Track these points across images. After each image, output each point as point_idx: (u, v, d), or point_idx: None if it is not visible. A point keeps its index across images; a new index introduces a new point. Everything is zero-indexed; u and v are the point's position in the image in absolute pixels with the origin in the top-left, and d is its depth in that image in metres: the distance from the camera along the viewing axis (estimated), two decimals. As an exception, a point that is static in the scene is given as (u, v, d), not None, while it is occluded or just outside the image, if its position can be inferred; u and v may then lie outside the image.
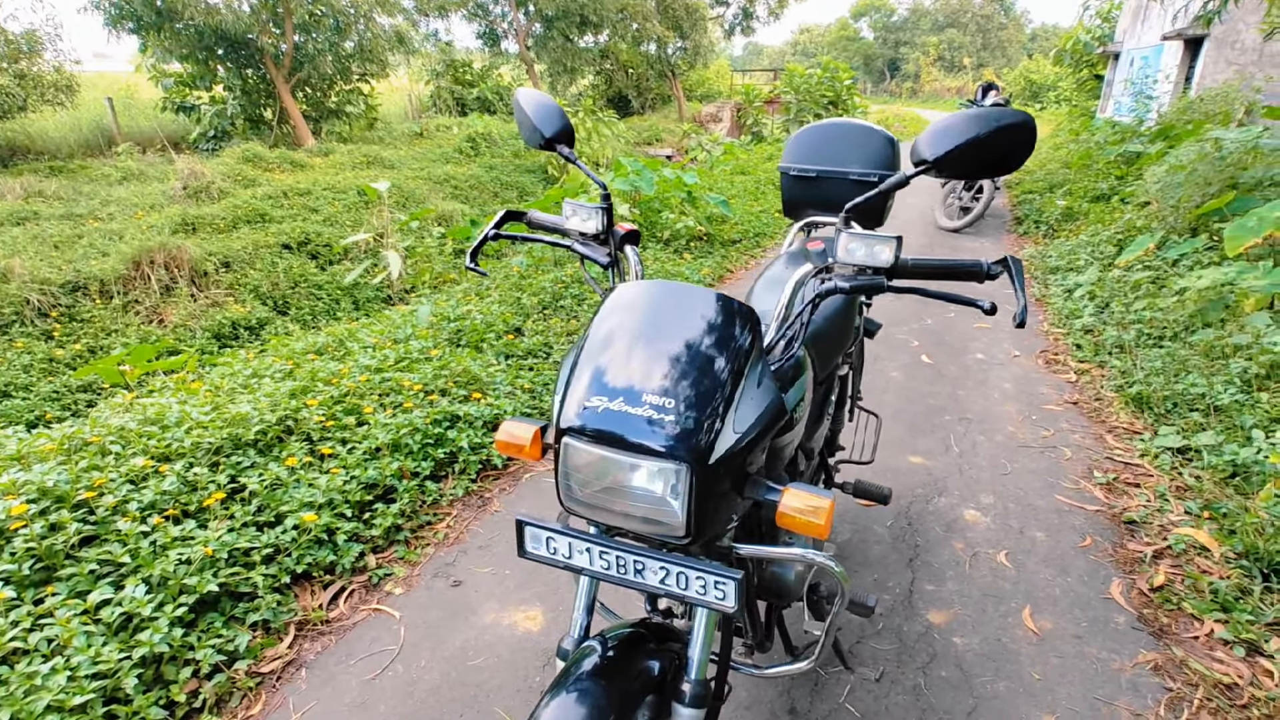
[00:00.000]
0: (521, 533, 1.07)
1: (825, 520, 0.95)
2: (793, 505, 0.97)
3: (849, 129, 2.26)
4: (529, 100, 1.36)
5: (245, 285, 7.44)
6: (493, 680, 1.91)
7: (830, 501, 0.96)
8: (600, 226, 1.33)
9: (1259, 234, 4.05)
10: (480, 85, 20.72)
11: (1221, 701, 1.83)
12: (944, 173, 1.04)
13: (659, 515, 0.96)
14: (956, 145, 1.00)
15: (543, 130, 1.33)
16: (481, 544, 2.49)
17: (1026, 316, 1.06)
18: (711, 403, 0.95)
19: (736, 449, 0.95)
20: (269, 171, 11.51)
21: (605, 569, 1.03)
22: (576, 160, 1.32)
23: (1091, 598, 2.22)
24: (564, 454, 0.99)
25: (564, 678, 1.01)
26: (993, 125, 0.98)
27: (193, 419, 2.63)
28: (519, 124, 1.38)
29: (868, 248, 1.10)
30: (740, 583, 0.94)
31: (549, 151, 1.35)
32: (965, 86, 45.50)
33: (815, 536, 0.96)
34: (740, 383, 0.98)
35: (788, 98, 15.93)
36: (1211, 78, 10.56)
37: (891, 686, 1.90)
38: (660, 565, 0.99)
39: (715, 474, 0.94)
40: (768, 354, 1.13)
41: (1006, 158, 1.01)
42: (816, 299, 1.14)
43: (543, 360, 3.85)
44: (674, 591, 0.99)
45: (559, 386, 1.05)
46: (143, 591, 1.87)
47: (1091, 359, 3.93)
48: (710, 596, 0.98)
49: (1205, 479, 2.69)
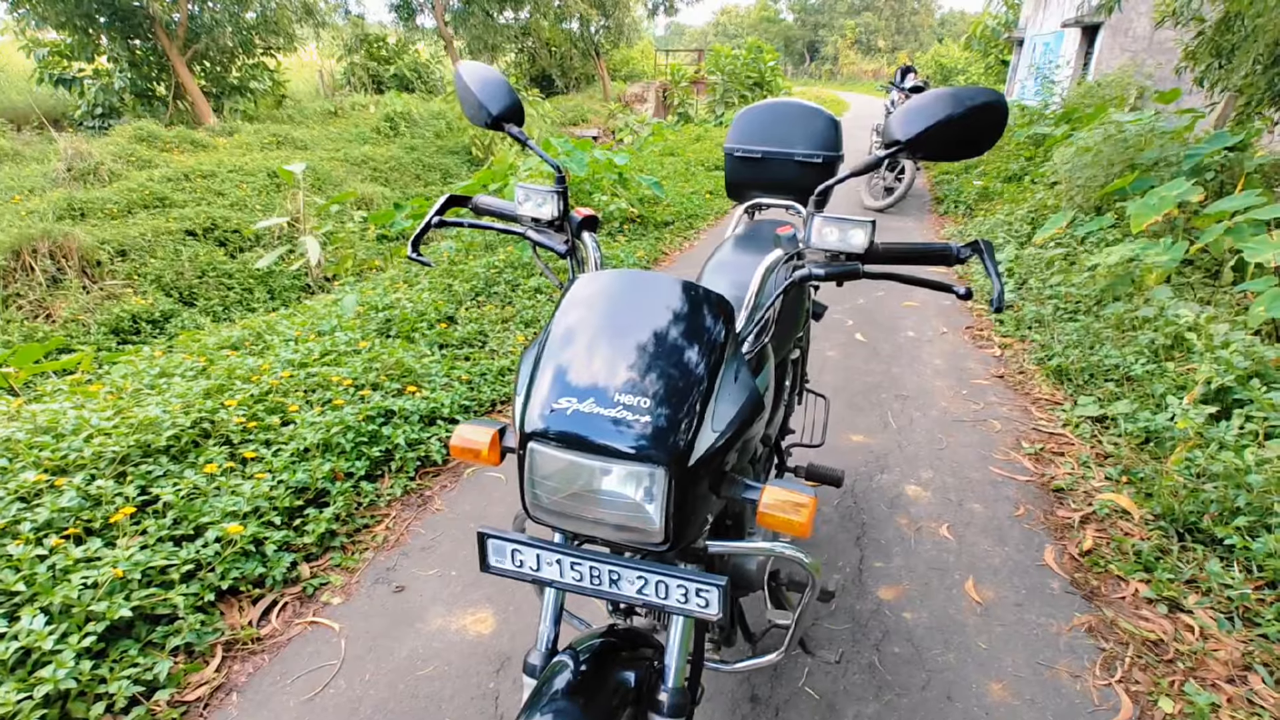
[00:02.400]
0: (484, 546, 0.99)
1: (808, 518, 0.91)
2: (774, 503, 0.93)
3: (794, 109, 2.24)
4: (473, 74, 1.25)
5: (145, 275, 6.90)
6: (444, 690, 1.82)
7: (813, 499, 0.93)
8: (556, 212, 1.24)
9: (1159, 211, 4.31)
10: (396, 62, 19.86)
11: (1150, 658, 1.93)
12: (916, 154, 1.01)
13: (635, 522, 0.90)
14: (930, 125, 0.97)
15: (489, 108, 1.22)
16: (424, 545, 2.38)
17: (1003, 300, 1.05)
18: (688, 400, 0.89)
19: (716, 448, 0.90)
20: (167, 152, 10.70)
21: (577, 581, 0.96)
22: (527, 140, 1.22)
23: (1028, 565, 2.31)
24: (530, 460, 0.92)
25: (537, 698, 0.94)
26: (965, 105, 0.96)
27: (92, 425, 2.39)
28: (462, 100, 1.27)
29: (841, 232, 1.06)
30: (724, 589, 0.90)
31: (496, 131, 1.25)
32: (881, 69, 46.85)
33: (797, 535, 0.93)
34: (717, 377, 0.92)
35: (714, 78, 15.95)
36: (1107, 64, 11.19)
37: (847, 666, 1.92)
38: (637, 575, 0.94)
39: (694, 476, 0.89)
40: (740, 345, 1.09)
41: (979, 138, 0.99)
42: (789, 287, 1.10)
43: (478, 349, 3.71)
44: (653, 601, 0.94)
45: (519, 387, 0.97)
46: (42, 622, 1.68)
47: (1014, 334, 4.11)
48: (692, 605, 0.93)
49: (1123, 445, 2.84)
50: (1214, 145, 5.16)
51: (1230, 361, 2.82)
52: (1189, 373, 3.01)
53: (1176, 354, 3.24)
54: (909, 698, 1.83)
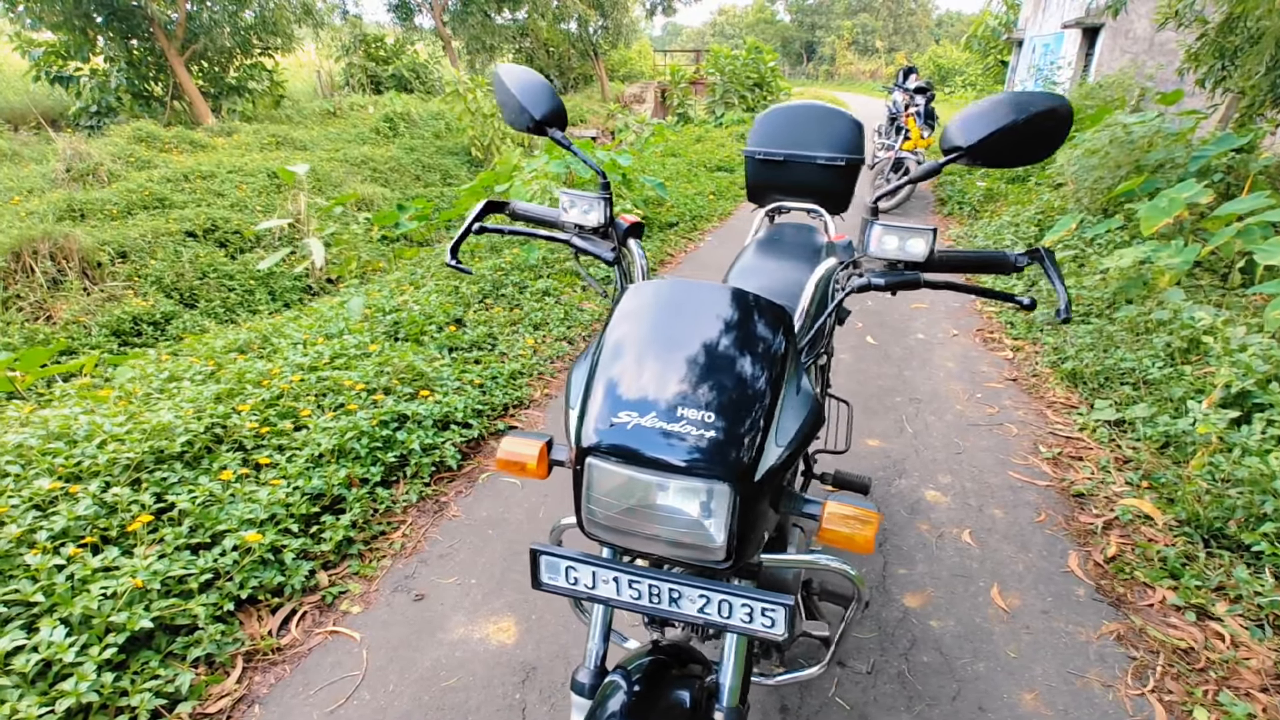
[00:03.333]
0: (536, 563, 0.96)
1: (873, 534, 0.89)
2: (837, 519, 0.91)
3: (815, 112, 2.22)
4: (514, 77, 1.22)
5: (146, 277, 6.84)
6: (469, 701, 1.80)
7: (878, 515, 0.90)
8: (603, 218, 1.22)
9: (1170, 214, 4.30)
10: (395, 62, 19.78)
11: (1182, 666, 1.91)
12: (977, 160, 0.98)
13: (695, 539, 0.88)
14: (992, 132, 0.95)
15: (532, 111, 1.20)
16: (442, 553, 2.35)
17: (1070, 310, 1.02)
18: (753, 414, 0.86)
19: (780, 463, 0.87)
20: (166, 152, 10.63)
21: (635, 599, 0.94)
22: (570, 145, 1.20)
23: (1052, 572, 2.29)
24: (588, 475, 0.89)
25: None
26: (1030, 111, 0.93)
27: (105, 431, 2.35)
28: (502, 104, 1.25)
29: (901, 240, 1.03)
30: (791, 609, 0.87)
31: (538, 135, 1.23)
32: (879, 70, 46.89)
33: (859, 551, 0.90)
34: (780, 390, 0.90)
35: (713, 79, 15.93)
36: (1108, 65, 11.20)
37: (877, 676, 1.89)
38: (700, 593, 0.91)
39: (759, 492, 0.86)
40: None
41: (1041, 144, 0.96)
42: (847, 296, 1.07)
43: (488, 352, 3.68)
44: (715, 620, 0.91)
45: (573, 400, 0.94)
46: (62, 633, 1.65)
47: (1025, 336, 4.09)
48: (757, 624, 0.90)
49: (1142, 450, 2.82)
50: (1221, 147, 5.16)
51: (1250, 365, 2.81)
52: (1206, 376, 3.00)
53: (1193, 357, 3.23)
54: (940, 708, 1.80)
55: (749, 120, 14.69)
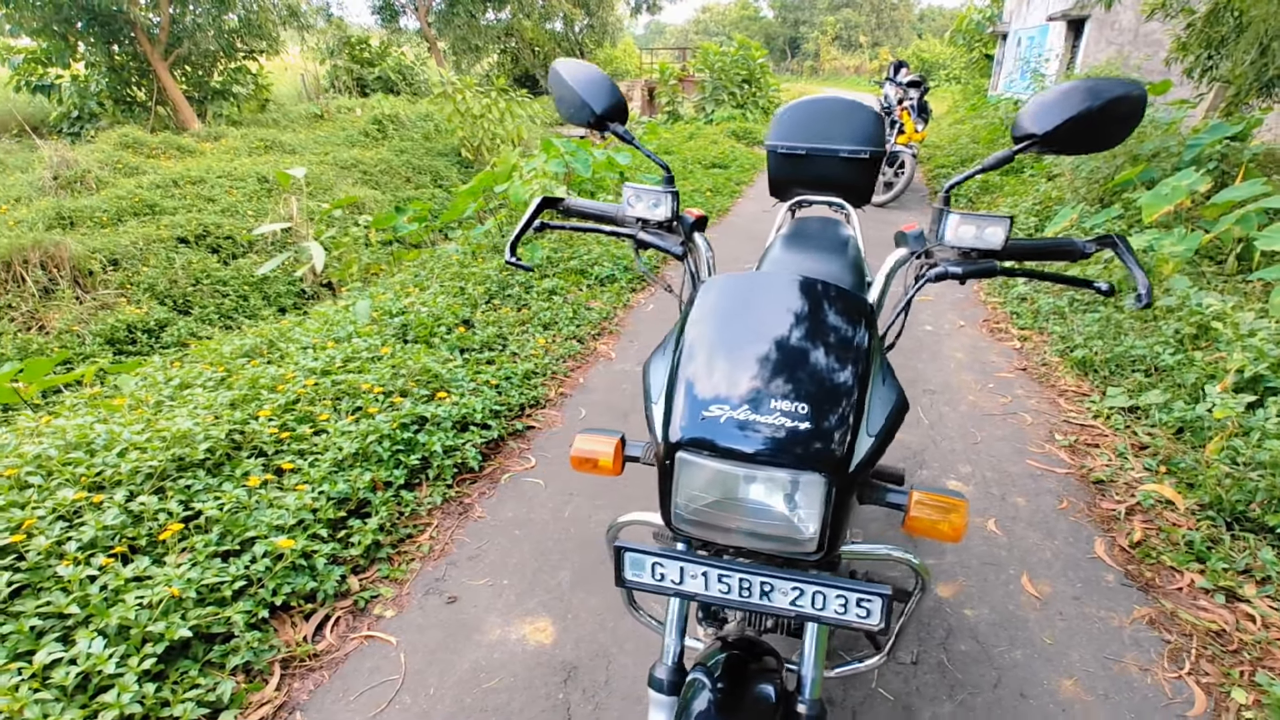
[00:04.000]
0: (620, 560, 0.96)
1: (962, 523, 0.89)
2: (924, 508, 0.90)
3: (836, 105, 2.22)
4: (573, 72, 1.21)
5: (139, 284, 6.77)
6: (513, 703, 1.79)
7: (964, 502, 0.90)
8: (670, 213, 1.20)
9: (1171, 202, 4.35)
10: (380, 64, 19.66)
11: (1216, 649, 1.93)
12: (1050, 148, 0.98)
13: (787, 531, 0.88)
14: (1067, 119, 0.95)
15: (593, 106, 1.18)
16: (471, 554, 2.34)
17: (1152, 295, 1.02)
18: (845, 405, 0.86)
19: (870, 454, 0.87)
20: (153, 158, 10.51)
21: (724, 593, 0.93)
22: (633, 140, 1.19)
23: (1079, 558, 2.31)
24: (678, 469, 0.88)
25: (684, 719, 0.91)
26: (1105, 97, 0.93)
27: (125, 440, 2.32)
28: (559, 100, 1.23)
29: (979, 228, 1.03)
30: (887, 599, 0.87)
31: (599, 130, 1.21)
32: (863, 65, 47.08)
33: (947, 541, 0.90)
34: (869, 380, 0.90)
35: (702, 76, 15.93)
36: (1094, 56, 11.31)
37: (917, 666, 1.90)
38: (792, 586, 0.90)
39: (851, 483, 0.86)
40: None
41: (1114, 131, 0.97)
42: (924, 285, 1.07)
43: (500, 353, 3.66)
44: (807, 613, 0.91)
45: (654, 394, 0.94)
46: (100, 645, 1.63)
47: (1031, 326, 4.12)
48: (851, 616, 0.90)
49: (1159, 436, 2.85)
50: (1214, 135, 5.21)
51: (1262, 350, 2.84)
52: (1218, 362, 3.03)
53: (1203, 343, 3.26)
54: (983, 696, 1.81)
55: (740, 117, 14.71)
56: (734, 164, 10.18)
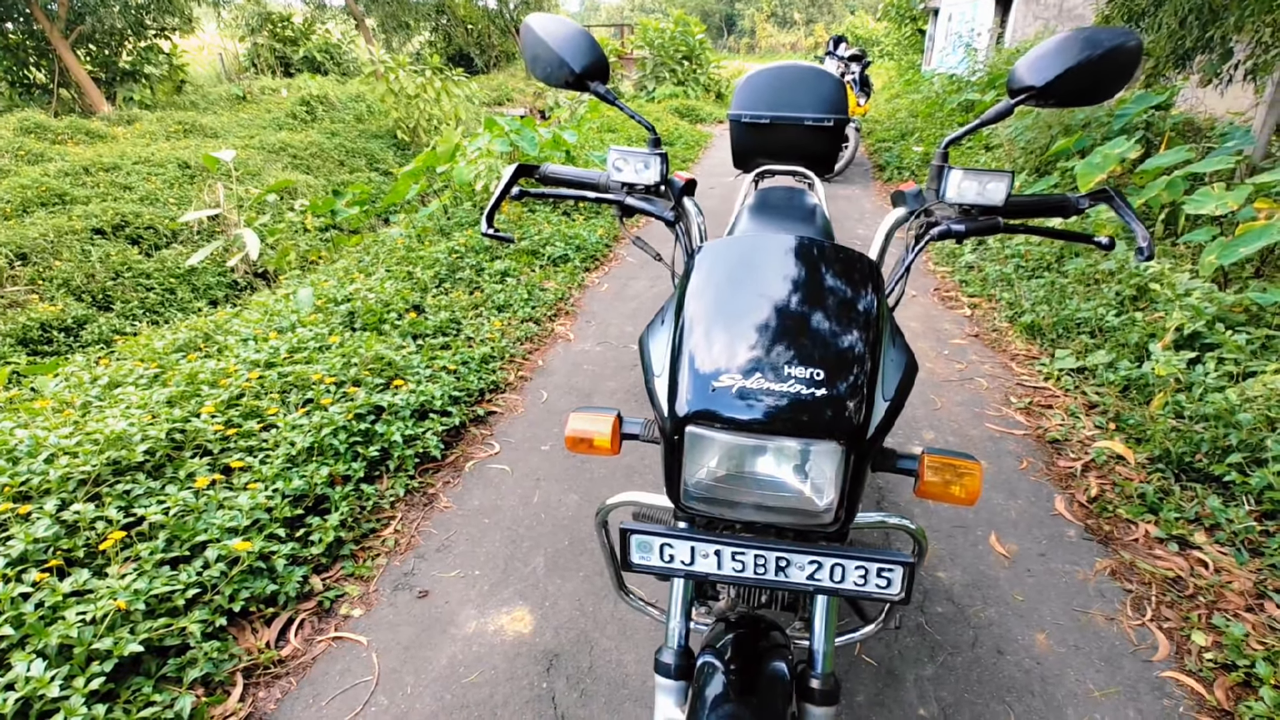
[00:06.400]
0: (627, 543, 0.90)
1: (976, 484, 0.87)
2: (938, 474, 0.88)
3: (799, 72, 2.19)
4: (548, 28, 1.12)
5: (52, 280, 6.31)
6: (495, 696, 1.73)
7: (979, 465, 0.88)
8: (659, 176, 1.14)
9: (1105, 169, 4.50)
10: (305, 43, 18.77)
11: (1174, 595, 2.01)
12: (1048, 100, 0.96)
13: (802, 503, 0.84)
14: (1066, 69, 0.92)
15: (572, 64, 1.10)
16: (439, 546, 2.25)
17: (1153, 246, 1.02)
18: (859, 370, 0.83)
19: (885, 419, 0.84)
20: (60, 144, 9.80)
21: (738, 571, 0.89)
22: (616, 100, 1.12)
23: (1042, 516, 2.38)
24: (689, 444, 0.83)
25: (699, 705, 0.87)
26: (1104, 47, 0.91)
27: (51, 445, 2.14)
28: (533, 60, 1.14)
29: (980, 185, 1.00)
30: (910, 567, 0.84)
31: (579, 91, 1.13)
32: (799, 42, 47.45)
33: (962, 505, 0.88)
34: (881, 344, 0.86)
35: (641, 53, 15.75)
36: (1022, 31, 11.64)
37: (898, 631, 1.92)
38: (810, 560, 0.87)
39: (868, 450, 0.83)
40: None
41: (1112, 81, 0.95)
42: (927, 244, 1.04)
43: (454, 337, 3.54)
44: (825, 586, 0.88)
45: (656, 368, 0.88)
46: (41, 667, 1.49)
47: (981, 293, 4.22)
48: (871, 586, 0.87)
49: (1107, 394, 2.96)
50: (1140, 105, 5.42)
51: (1198, 308, 2.97)
52: (1158, 321, 3.16)
53: (1142, 304, 3.39)
54: (962, 656, 1.84)
55: (681, 94, 14.63)
56: (679, 140, 10.12)
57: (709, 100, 15.53)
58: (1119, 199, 1.04)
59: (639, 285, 4.62)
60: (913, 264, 1.09)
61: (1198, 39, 5.02)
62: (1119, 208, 1.03)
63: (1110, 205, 1.04)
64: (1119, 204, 1.03)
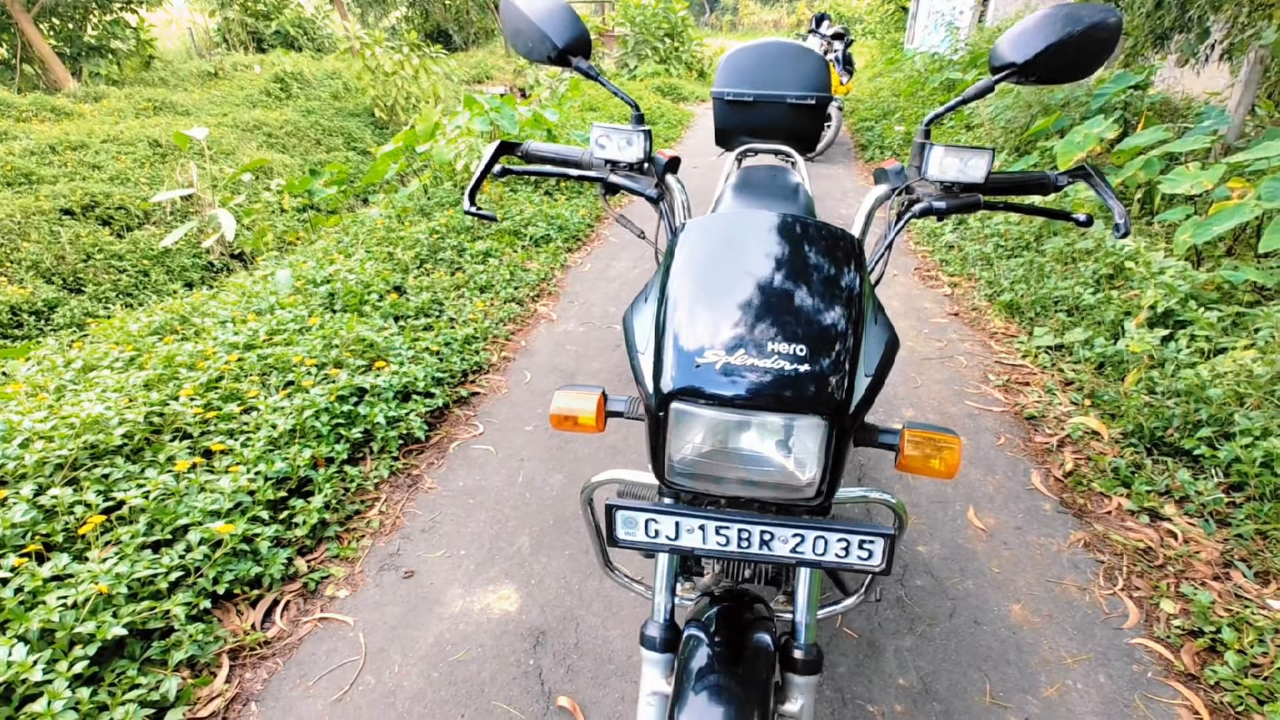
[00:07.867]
0: (612, 519, 0.91)
1: (956, 458, 0.88)
2: (918, 446, 0.90)
3: (782, 49, 2.18)
4: (529, 2, 1.10)
5: (20, 262, 6.16)
6: (482, 673, 1.74)
7: (959, 439, 0.90)
8: (642, 153, 1.13)
9: (1084, 149, 4.54)
10: (278, 17, 18.29)
11: (1144, 565, 2.07)
12: (1029, 77, 0.97)
13: (786, 478, 0.85)
14: (1047, 45, 0.93)
15: (554, 39, 1.08)
16: (424, 527, 2.25)
17: (1130, 223, 1.04)
18: (841, 345, 0.84)
19: (867, 394, 0.85)
20: (24, 121, 9.52)
21: (722, 545, 0.90)
22: (598, 75, 1.11)
23: (1019, 490, 2.43)
24: (674, 421, 0.84)
25: (685, 678, 0.88)
26: (1085, 23, 0.92)
27: (26, 429, 2.11)
28: (513, 34, 1.13)
29: (962, 162, 1.01)
30: (890, 539, 0.86)
31: (560, 67, 1.12)
32: (782, 19, 47.06)
33: (942, 478, 0.90)
34: (864, 319, 0.87)
35: (623, 31, 15.54)
36: (1002, 10, 11.63)
37: (878, 603, 1.96)
38: (793, 533, 0.88)
39: (851, 425, 0.84)
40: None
41: (1091, 58, 0.96)
42: (909, 220, 1.05)
43: (436, 318, 3.52)
44: (808, 558, 0.89)
45: (640, 345, 0.89)
46: (22, 651, 1.48)
47: (960, 272, 4.26)
48: (853, 558, 0.89)
49: (1083, 371, 3.01)
50: (1119, 85, 5.46)
51: (1172, 286, 3.02)
52: (1133, 299, 3.21)
53: (1118, 282, 3.44)
54: (940, 627, 1.89)
55: (664, 73, 14.49)
56: (661, 119, 10.04)
57: (691, 79, 15.39)
58: (1097, 176, 1.05)
59: (621, 265, 4.61)
60: (894, 241, 1.10)
61: (1176, 19, 5.06)
62: (1097, 185, 1.05)
63: (1089, 183, 1.06)
64: (1097, 182, 1.05)
